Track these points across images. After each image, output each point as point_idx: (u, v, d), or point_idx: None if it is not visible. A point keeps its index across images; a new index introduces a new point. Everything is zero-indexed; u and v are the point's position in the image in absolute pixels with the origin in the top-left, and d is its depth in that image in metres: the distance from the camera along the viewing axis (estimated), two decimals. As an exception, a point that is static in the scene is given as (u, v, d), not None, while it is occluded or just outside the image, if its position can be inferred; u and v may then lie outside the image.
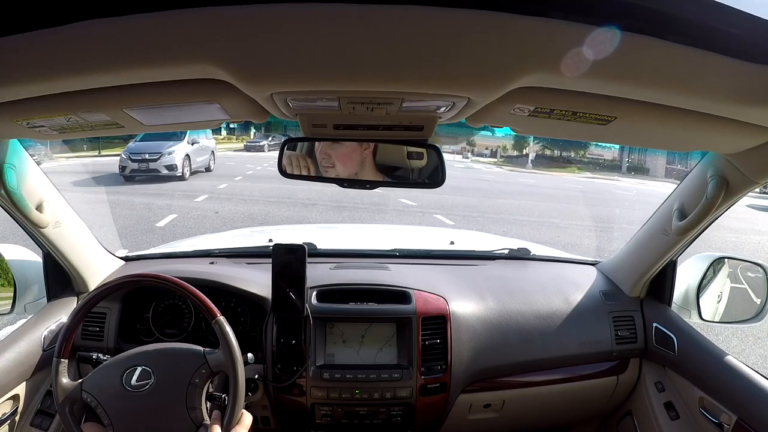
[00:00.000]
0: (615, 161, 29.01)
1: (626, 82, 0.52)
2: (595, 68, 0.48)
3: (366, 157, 0.89)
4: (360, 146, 0.88)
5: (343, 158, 0.90)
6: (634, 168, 26.81)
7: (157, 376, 0.97)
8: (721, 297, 1.38)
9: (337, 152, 0.90)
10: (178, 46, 0.47)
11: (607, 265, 1.52)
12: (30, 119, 0.69)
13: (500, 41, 0.46)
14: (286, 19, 0.44)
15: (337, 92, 0.59)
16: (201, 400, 0.97)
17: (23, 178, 1.02)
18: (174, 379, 0.97)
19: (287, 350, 1.24)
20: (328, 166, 0.90)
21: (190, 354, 1.00)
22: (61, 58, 0.49)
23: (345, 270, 1.41)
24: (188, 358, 1.00)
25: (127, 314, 1.32)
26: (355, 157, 0.89)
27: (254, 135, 23.51)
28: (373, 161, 0.89)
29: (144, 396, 0.95)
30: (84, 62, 0.50)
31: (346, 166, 0.90)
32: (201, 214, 6.90)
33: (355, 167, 0.90)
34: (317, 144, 0.89)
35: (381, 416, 1.24)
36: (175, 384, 0.97)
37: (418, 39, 0.46)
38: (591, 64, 0.48)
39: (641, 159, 27.22)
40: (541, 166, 25.66)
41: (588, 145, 27.99)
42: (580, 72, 0.49)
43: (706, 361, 1.19)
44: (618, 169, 26.95)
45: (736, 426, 1.06)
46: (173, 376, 0.98)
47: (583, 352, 1.33)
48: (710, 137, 0.73)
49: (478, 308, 1.32)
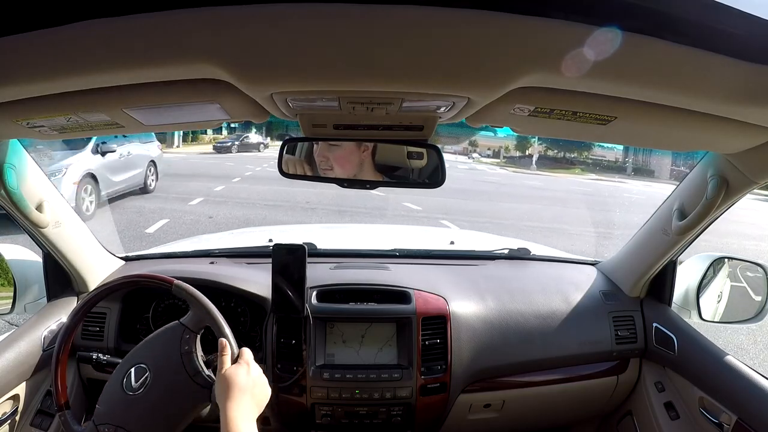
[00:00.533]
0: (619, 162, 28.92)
1: (626, 82, 0.52)
2: (595, 68, 0.48)
3: (365, 159, 0.89)
4: (358, 148, 0.88)
5: (341, 161, 0.90)
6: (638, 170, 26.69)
7: (151, 366, 0.98)
8: (721, 297, 1.38)
9: (335, 155, 0.90)
10: (178, 46, 0.47)
11: (607, 265, 1.52)
12: (30, 119, 0.69)
13: (500, 41, 0.46)
14: (286, 19, 0.44)
15: (337, 92, 0.59)
16: (200, 363, 0.98)
17: (23, 178, 1.02)
18: (166, 359, 0.98)
19: (287, 350, 1.24)
20: (326, 168, 0.91)
21: (168, 329, 1.02)
22: (61, 58, 0.49)
23: (345, 270, 1.41)
24: (168, 333, 1.01)
25: (127, 314, 1.32)
26: (354, 159, 0.89)
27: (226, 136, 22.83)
28: (372, 162, 0.89)
29: (150, 391, 0.96)
30: (84, 62, 0.50)
31: (345, 168, 0.90)
32: (194, 219, 6.69)
33: (354, 169, 0.90)
34: (315, 146, 0.89)
35: (381, 416, 1.24)
36: (170, 362, 0.98)
37: (418, 39, 0.46)
38: (591, 64, 0.48)
39: (645, 160, 27.07)
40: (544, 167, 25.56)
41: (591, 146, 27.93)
42: (580, 72, 0.49)
43: (706, 361, 1.19)
44: (622, 171, 26.89)
45: (736, 426, 1.06)
46: (164, 357, 0.99)
47: (583, 352, 1.33)
48: (710, 137, 0.73)
49: (478, 308, 1.32)
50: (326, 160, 0.90)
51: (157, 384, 0.96)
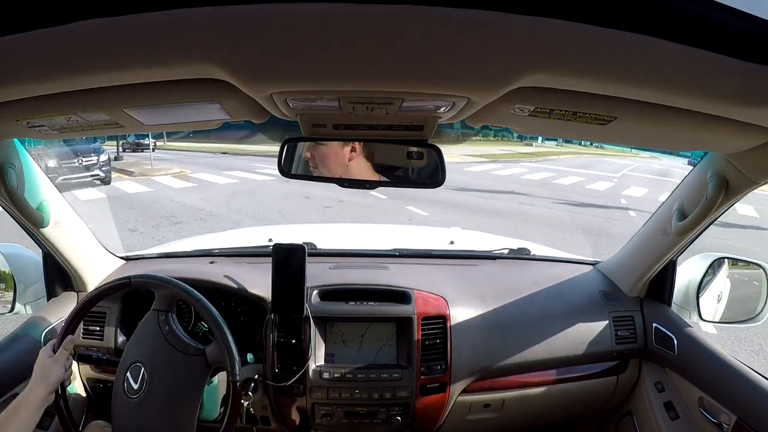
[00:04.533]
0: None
1: (626, 82, 0.52)
2: (595, 68, 0.48)
3: (353, 158, 0.89)
4: (341, 147, 0.88)
5: (324, 159, 0.90)
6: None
7: (145, 362, 1.00)
8: (721, 297, 1.38)
9: (320, 153, 0.90)
10: (178, 46, 0.47)
11: (607, 265, 1.52)
12: (30, 119, 0.69)
13: (500, 41, 0.46)
14: (286, 19, 0.44)
15: (337, 92, 0.59)
16: (185, 336, 1.01)
17: (23, 178, 1.02)
18: (154, 348, 1.01)
19: (287, 350, 1.24)
20: (313, 167, 0.91)
21: (145, 321, 1.05)
22: (61, 57, 0.49)
23: (345, 270, 1.41)
24: (146, 324, 1.04)
25: (127, 314, 1.32)
26: (339, 158, 0.89)
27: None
28: (367, 162, 0.89)
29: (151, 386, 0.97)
30: (84, 62, 0.50)
31: (329, 167, 0.90)
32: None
33: (340, 169, 0.90)
34: (304, 146, 0.89)
35: (381, 416, 1.24)
36: (158, 349, 1.00)
37: (418, 39, 0.46)
38: (591, 64, 0.48)
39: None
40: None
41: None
42: (579, 72, 0.49)
43: (705, 361, 1.19)
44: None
45: (735, 426, 1.06)
46: (151, 347, 1.01)
47: (582, 352, 1.33)
48: (710, 137, 0.73)
49: (478, 308, 1.32)
50: (312, 158, 0.91)
51: (156, 377, 0.97)
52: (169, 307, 1.03)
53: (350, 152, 0.88)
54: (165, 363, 0.98)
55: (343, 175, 0.89)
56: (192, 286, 1.06)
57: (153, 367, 0.97)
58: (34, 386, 0.95)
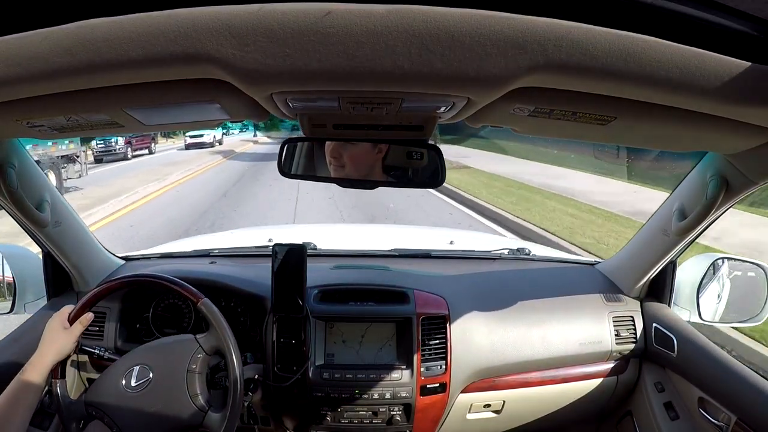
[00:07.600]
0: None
1: (626, 82, 0.52)
2: (595, 68, 0.48)
3: (377, 160, 0.89)
4: (373, 148, 0.88)
5: (355, 160, 0.90)
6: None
7: (155, 371, 0.98)
8: (721, 297, 1.38)
9: (350, 153, 0.89)
10: (178, 46, 0.47)
11: (607, 266, 1.52)
12: (30, 119, 0.69)
13: (500, 41, 0.46)
14: (286, 19, 0.44)
15: (337, 92, 0.59)
16: (203, 386, 0.98)
17: (23, 178, 1.02)
18: (171, 370, 0.98)
19: (287, 350, 1.24)
20: (338, 166, 0.90)
21: (183, 341, 1.02)
22: (62, 57, 0.49)
23: (345, 270, 1.41)
24: (181, 346, 1.01)
25: (127, 314, 1.32)
26: (369, 159, 0.88)
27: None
28: (381, 163, 0.89)
29: (147, 393, 0.96)
30: (84, 62, 0.50)
31: (358, 168, 0.90)
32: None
33: (365, 170, 0.90)
34: (318, 145, 0.89)
35: (381, 416, 1.24)
36: (173, 374, 0.98)
37: (418, 39, 0.46)
38: (591, 64, 0.47)
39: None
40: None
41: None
42: (580, 72, 0.49)
43: (705, 362, 1.19)
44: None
45: (735, 426, 1.06)
46: (170, 367, 0.98)
47: (582, 352, 1.33)
48: (710, 137, 0.73)
49: (478, 308, 1.32)
50: (339, 158, 0.90)
51: (155, 390, 0.96)
52: (211, 351, 1.00)
53: (376, 154, 0.89)
54: (169, 390, 0.96)
55: (368, 176, 0.89)
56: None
57: (157, 383, 0.96)
58: (47, 350, 0.95)
